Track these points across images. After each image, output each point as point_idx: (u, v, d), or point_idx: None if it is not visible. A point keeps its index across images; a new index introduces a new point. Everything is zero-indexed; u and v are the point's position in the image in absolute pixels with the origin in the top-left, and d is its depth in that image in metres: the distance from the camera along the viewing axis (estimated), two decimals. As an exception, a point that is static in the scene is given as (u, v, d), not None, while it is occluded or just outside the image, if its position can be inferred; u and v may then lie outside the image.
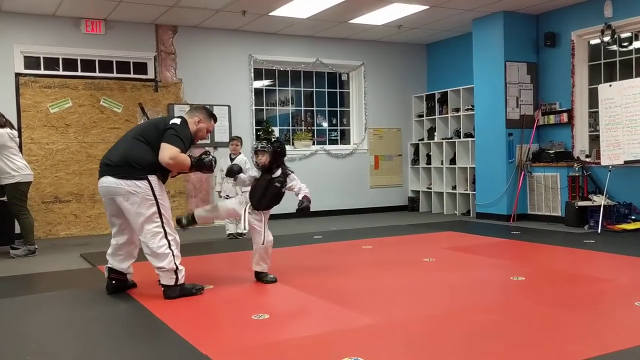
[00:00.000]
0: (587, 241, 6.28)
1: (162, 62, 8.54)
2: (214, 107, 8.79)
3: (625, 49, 7.56)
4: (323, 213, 9.34)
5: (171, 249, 3.98)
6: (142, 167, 3.97)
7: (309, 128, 9.95)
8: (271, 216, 4.65)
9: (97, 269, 5.29)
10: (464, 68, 9.37)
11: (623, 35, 7.53)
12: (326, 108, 10.11)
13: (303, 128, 9.90)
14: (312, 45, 9.55)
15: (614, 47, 7.65)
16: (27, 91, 7.72)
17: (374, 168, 10.17)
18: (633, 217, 7.15)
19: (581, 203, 7.42)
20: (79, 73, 8.08)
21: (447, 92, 9.71)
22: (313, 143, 9.75)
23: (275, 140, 4.57)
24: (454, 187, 9.63)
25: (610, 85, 7.21)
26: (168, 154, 3.94)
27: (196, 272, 4.66)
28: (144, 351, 3.04)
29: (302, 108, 9.96)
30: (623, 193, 7.30)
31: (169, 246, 3.97)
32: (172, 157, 3.95)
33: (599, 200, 7.15)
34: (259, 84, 9.49)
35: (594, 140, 7.84)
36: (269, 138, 4.61)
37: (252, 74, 9.16)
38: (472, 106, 9.06)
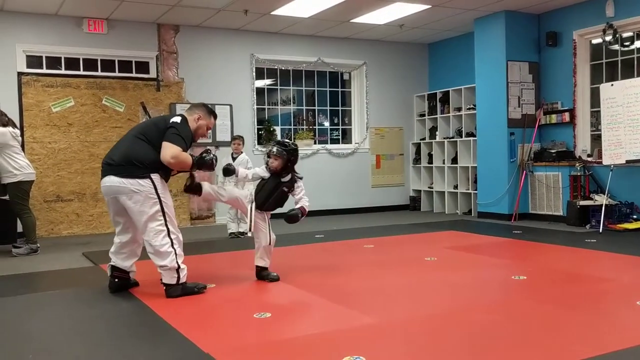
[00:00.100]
0: (589, 241, 6.28)
1: (164, 62, 8.55)
2: (216, 106, 8.77)
3: (626, 49, 7.56)
4: (324, 212, 9.35)
5: (174, 248, 3.98)
6: (145, 166, 3.97)
7: (311, 127, 9.96)
8: (272, 215, 4.65)
9: (99, 268, 5.30)
10: (466, 67, 9.37)
11: (625, 34, 7.53)
12: (328, 107, 10.11)
13: (305, 127, 9.91)
14: (314, 44, 9.55)
15: (616, 47, 7.65)
16: (30, 90, 7.74)
17: (376, 167, 10.17)
18: (635, 217, 7.15)
19: (583, 202, 7.42)
20: (81, 72, 8.10)
21: (449, 92, 9.71)
22: (315, 142, 9.75)
23: (291, 148, 4.44)
24: (456, 187, 9.63)
25: (612, 84, 7.20)
26: (170, 153, 3.94)
27: (198, 271, 4.67)
28: (146, 350, 3.05)
29: (304, 107, 9.97)
30: (625, 192, 7.30)
31: (172, 245, 3.98)
32: (174, 156, 3.95)
33: (601, 199, 7.15)
34: (261, 83, 9.49)
35: (596, 139, 7.84)
36: (285, 143, 4.49)
37: (254, 73, 9.16)
38: (474, 105, 9.06)
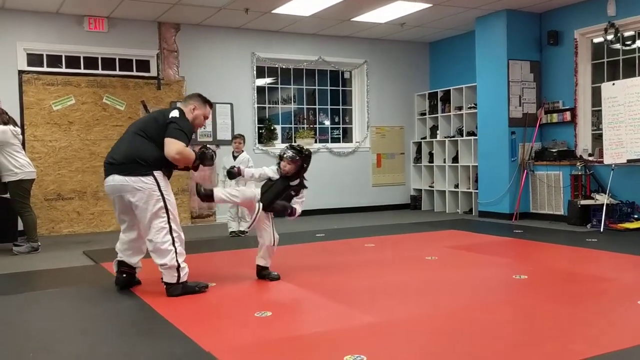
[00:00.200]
0: (590, 240, 6.28)
1: (165, 60, 8.54)
2: (217, 105, 8.81)
3: (628, 48, 7.55)
4: (325, 211, 9.35)
5: (174, 246, 3.98)
6: (147, 163, 3.98)
7: (311, 126, 9.95)
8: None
9: (100, 266, 5.31)
10: (467, 66, 9.35)
11: (626, 33, 7.52)
12: (328, 106, 10.11)
13: (305, 126, 9.90)
14: (315, 43, 9.55)
15: (617, 46, 7.64)
16: (30, 88, 7.73)
17: (376, 166, 10.16)
18: (636, 216, 7.14)
19: (584, 202, 7.42)
20: (82, 70, 8.10)
21: (450, 91, 9.70)
22: (315, 141, 9.74)
23: (306, 155, 4.45)
24: (457, 186, 9.63)
25: (613, 83, 7.19)
26: (175, 149, 3.96)
27: (199, 270, 4.67)
28: (147, 348, 3.04)
29: (305, 106, 9.96)
30: (626, 192, 7.29)
31: (173, 243, 3.98)
32: (179, 152, 3.97)
33: (602, 199, 7.15)
34: (262, 82, 9.48)
35: (597, 138, 7.83)
36: (300, 148, 4.50)
37: (255, 72, 9.16)
38: (475, 104, 9.05)
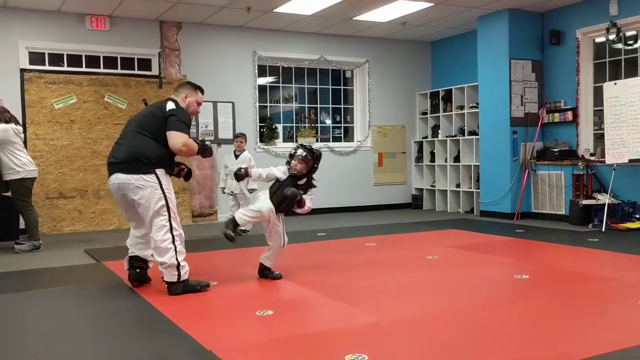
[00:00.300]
0: (591, 240, 6.27)
1: (167, 59, 8.54)
2: (218, 104, 8.82)
3: (630, 47, 7.54)
4: (326, 210, 9.34)
5: (174, 245, 3.98)
6: (150, 161, 4.00)
7: (313, 125, 9.95)
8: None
9: (102, 265, 5.31)
10: (469, 65, 9.35)
11: (628, 33, 7.50)
12: (330, 105, 10.10)
13: (307, 125, 9.90)
14: (317, 42, 9.54)
15: (619, 46, 7.62)
16: (32, 87, 7.74)
17: (378, 165, 10.16)
18: (637, 216, 7.13)
19: (585, 201, 7.41)
20: (84, 69, 8.09)
21: (452, 90, 9.69)
22: (317, 140, 9.74)
23: (317, 155, 4.50)
24: (458, 185, 9.62)
25: (615, 83, 7.18)
26: (180, 141, 3.99)
27: (200, 269, 4.67)
28: (148, 346, 3.05)
29: (306, 105, 9.96)
30: (627, 192, 7.28)
31: (173, 241, 3.98)
32: (185, 144, 4.00)
33: (604, 198, 7.14)
34: (263, 81, 9.48)
35: (599, 138, 7.82)
36: (311, 148, 4.54)
37: (256, 71, 9.15)
38: (477, 104, 9.05)
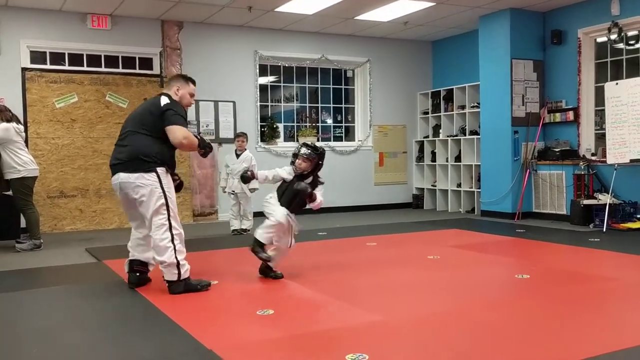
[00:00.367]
0: (592, 240, 6.27)
1: (168, 58, 8.54)
2: (219, 103, 8.82)
3: (632, 47, 7.53)
4: (327, 210, 9.34)
5: (173, 243, 3.98)
6: (151, 159, 4.01)
7: (314, 124, 9.95)
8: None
9: (103, 264, 5.32)
10: (470, 65, 9.34)
11: (630, 33, 7.49)
12: (331, 105, 10.10)
13: (308, 124, 9.90)
14: (318, 41, 9.54)
15: (621, 45, 7.62)
16: (34, 86, 7.74)
17: (379, 165, 10.16)
18: (638, 216, 7.12)
19: (586, 201, 7.40)
20: (85, 68, 8.10)
21: (453, 90, 9.69)
22: (317, 139, 9.72)
23: (321, 152, 4.49)
24: (459, 185, 9.62)
25: (616, 83, 7.18)
26: (181, 135, 4.01)
27: (201, 268, 4.67)
28: (149, 345, 3.05)
29: (307, 104, 9.95)
30: (629, 192, 7.27)
31: (172, 240, 3.98)
32: (185, 137, 4.03)
33: (605, 198, 7.14)
34: (264, 80, 9.48)
35: (600, 138, 7.82)
36: (314, 146, 4.56)
37: (257, 70, 9.15)
38: (478, 103, 9.04)
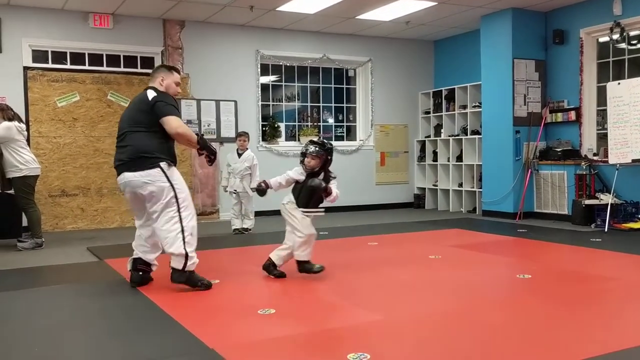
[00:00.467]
0: (594, 240, 6.26)
1: (170, 57, 8.54)
2: (221, 102, 8.82)
3: (634, 47, 7.52)
4: (328, 209, 9.26)
5: (183, 235, 4.01)
6: (153, 155, 4.03)
7: (315, 124, 9.95)
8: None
9: (104, 263, 5.32)
10: (472, 65, 9.33)
11: (632, 33, 7.48)
12: (332, 104, 10.10)
13: (309, 124, 9.90)
14: (319, 40, 9.54)
15: (623, 45, 7.61)
16: (35, 85, 7.75)
17: (380, 165, 10.15)
18: (640, 216, 7.13)
19: (588, 201, 7.40)
20: (87, 67, 8.10)
21: (454, 89, 9.69)
22: (319, 139, 9.72)
23: (329, 147, 4.53)
24: (460, 185, 9.61)
25: (618, 83, 7.17)
26: (175, 125, 4.04)
27: (202, 267, 4.65)
28: (151, 344, 3.05)
29: (309, 104, 9.95)
30: (630, 192, 7.27)
31: (182, 232, 4.00)
32: (179, 126, 4.06)
33: (606, 198, 7.13)
34: (266, 80, 9.48)
35: (602, 138, 7.81)
36: (321, 142, 4.59)
37: (259, 69, 9.15)
38: (480, 103, 9.03)
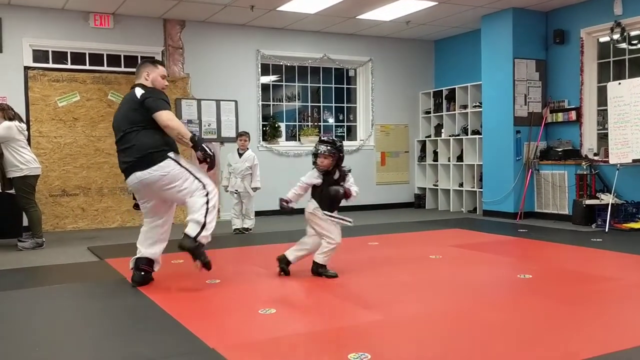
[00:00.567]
0: (595, 240, 6.26)
1: (170, 57, 8.54)
2: (221, 102, 8.82)
3: (634, 47, 7.52)
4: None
5: (207, 205, 4.10)
6: (159, 149, 4.06)
7: (316, 124, 9.95)
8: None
9: (105, 262, 5.32)
10: (472, 65, 9.34)
11: (633, 33, 7.48)
12: (333, 104, 10.10)
13: (310, 124, 9.90)
14: (320, 40, 9.54)
15: (624, 45, 7.61)
16: (36, 85, 7.75)
17: (381, 164, 10.15)
18: (641, 216, 7.13)
19: (589, 201, 7.40)
20: (87, 67, 8.11)
21: (455, 89, 9.68)
22: (319, 139, 9.72)
23: (339, 145, 4.54)
24: (461, 185, 9.61)
25: (619, 83, 7.17)
26: (165, 117, 4.07)
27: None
28: (151, 344, 3.05)
29: (309, 104, 9.95)
30: (631, 192, 7.27)
31: (207, 203, 4.10)
32: (170, 119, 4.09)
33: (607, 198, 7.13)
34: (266, 79, 9.48)
35: (603, 138, 7.81)
36: (332, 140, 4.59)
37: (259, 69, 9.15)
38: (480, 103, 9.03)
